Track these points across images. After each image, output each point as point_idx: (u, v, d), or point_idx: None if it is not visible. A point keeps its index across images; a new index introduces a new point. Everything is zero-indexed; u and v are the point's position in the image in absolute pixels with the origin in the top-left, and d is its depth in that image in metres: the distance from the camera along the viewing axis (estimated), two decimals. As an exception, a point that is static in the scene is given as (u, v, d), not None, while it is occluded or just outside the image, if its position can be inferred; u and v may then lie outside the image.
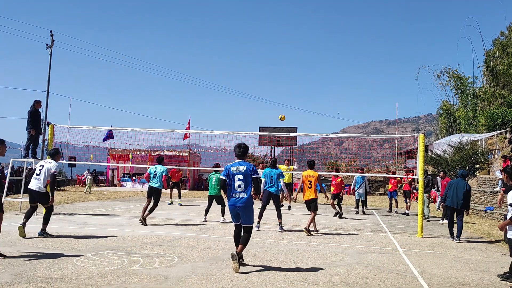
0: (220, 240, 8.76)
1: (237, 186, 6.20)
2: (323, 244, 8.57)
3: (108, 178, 33.72)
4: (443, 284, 5.83)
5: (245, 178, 6.21)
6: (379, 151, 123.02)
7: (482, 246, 9.34)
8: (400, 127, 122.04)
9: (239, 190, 6.20)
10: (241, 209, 6.19)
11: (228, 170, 6.32)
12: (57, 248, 7.22)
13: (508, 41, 35.11)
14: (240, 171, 6.25)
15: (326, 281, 5.68)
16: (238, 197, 6.21)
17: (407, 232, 10.98)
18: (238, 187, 6.20)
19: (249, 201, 6.21)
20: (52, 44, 29.92)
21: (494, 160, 23.74)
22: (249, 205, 6.22)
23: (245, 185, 6.21)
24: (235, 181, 6.21)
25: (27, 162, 14.47)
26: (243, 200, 6.18)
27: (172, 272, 5.87)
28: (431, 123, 76.64)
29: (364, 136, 22.28)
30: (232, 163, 6.43)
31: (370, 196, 25.79)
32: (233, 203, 6.23)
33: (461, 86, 40.73)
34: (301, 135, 15.40)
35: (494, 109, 30.93)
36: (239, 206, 6.19)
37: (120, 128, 13.88)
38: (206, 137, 14.66)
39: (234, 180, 6.22)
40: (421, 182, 10.64)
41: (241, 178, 6.20)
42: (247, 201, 6.19)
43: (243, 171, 6.23)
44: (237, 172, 6.25)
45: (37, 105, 12.95)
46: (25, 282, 5.09)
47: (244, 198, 6.19)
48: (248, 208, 6.21)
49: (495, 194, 15.68)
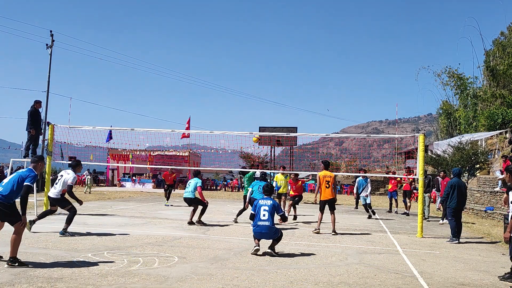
0: (220, 240, 8.76)
1: (262, 216, 7.26)
2: (323, 244, 8.57)
3: (108, 178, 33.72)
4: (443, 284, 5.83)
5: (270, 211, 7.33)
6: (379, 151, 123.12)
7: (482, 246, 9.33)
8: (400, 127, 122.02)
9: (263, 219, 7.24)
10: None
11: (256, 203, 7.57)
12: (57, 248, 7.22)
13: (508, 41, 35.09)
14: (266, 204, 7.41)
15: (326, 281, 5.68)
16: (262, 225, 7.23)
17: (407, 232, 10.98)
18: (263, 216, 7.25)
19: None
20: (52, 44, 29.88)
21: (494, 160, 23.73)
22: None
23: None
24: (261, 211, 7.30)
25: (27, 162, 14.46)
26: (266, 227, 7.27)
27: (172, 272, 5.87)
28: (431, 123, 76.67)
29: (364, 136, 22.30)
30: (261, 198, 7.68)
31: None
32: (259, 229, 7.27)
33: (461, 86, 40.71)
34: (301, 135, 15.41)
35: (494, 109, 30.92)
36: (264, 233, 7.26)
37: (120, 128, 13.86)
38: (206, 137, 14.65)
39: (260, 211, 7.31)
40: (421, 182, 10.64)
41: (266, 209, 7.30)
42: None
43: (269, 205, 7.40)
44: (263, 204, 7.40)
45: (37, 105, 12.95)
46: (25, 282, 5.09)
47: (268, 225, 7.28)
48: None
49: (495, 194, 15.68)
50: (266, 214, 7.19)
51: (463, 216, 15.49)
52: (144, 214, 13.60)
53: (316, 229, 10.20)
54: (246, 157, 31.55)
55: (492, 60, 35.68)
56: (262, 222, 7.19)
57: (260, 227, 7.19)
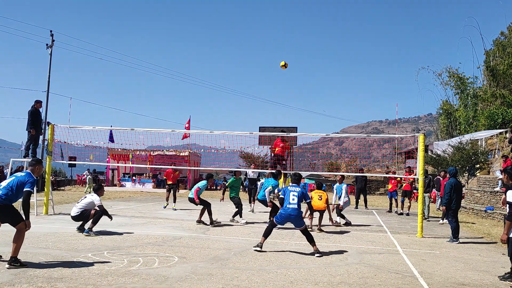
0: (220, 240, 8.76)
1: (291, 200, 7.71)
2: (323, 244, 8.57)
3: (108, 178, 33.71)
4: (443, 284, 5.84)
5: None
6: (379, 151, 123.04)
7: (482, 246, 9.33)
8: (400, 127, 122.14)
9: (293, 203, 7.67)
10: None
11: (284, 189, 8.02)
12: (57, 248, 7.22)
13: (508, 41, 35.08)
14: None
15: (326, 281, 5.68)
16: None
17: (407, 232, 10.98)
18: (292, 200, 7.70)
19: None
20: (52, 44, 29.84)
21: (494, 160, 23.73)
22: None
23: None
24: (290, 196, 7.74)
25: (27, 162, 14.47)
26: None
27: (172, 272, 5.87)
28: (431, 123, 76.60)
29: (364, 136, 22.25)
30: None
31: (370, 196, 25.79)
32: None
33: (461, 86, 40.70)
34: (301, 135, 15.38)
35: (494, 109, 30.91)
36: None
37: (120, 128, 13.86)
38: (206, 137, 14.61)
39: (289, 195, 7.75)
40: (421, 182, 10.64)
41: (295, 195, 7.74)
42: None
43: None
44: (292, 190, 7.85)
45: (37, 105, 12.95)
46: (25, 282, 5.09)
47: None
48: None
49: (495, 194, 15.68)
50: (295, 198, 7.66)
51: (463, 216, 15.53)
52: (144, 214, 13.60)
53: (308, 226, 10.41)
54: (246, 157, 31.54)
55: (492, 60, 35.67)
56: (291, 205, 7.62)
57: (289, 209, 7.60)
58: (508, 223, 5.99)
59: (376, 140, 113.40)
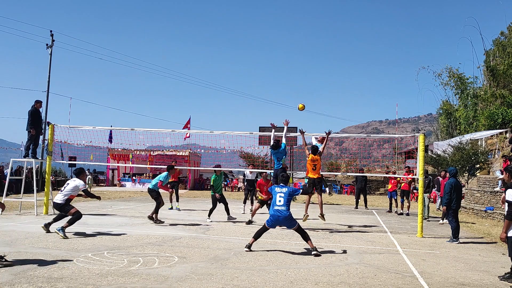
0: (220, 240, 8.76)
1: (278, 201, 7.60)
2: (323, 244, 8.57)
3: (108, 178, 33.74)
4: (443, 284, 5.84)
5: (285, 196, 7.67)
6: (379, 151, 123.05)
7: (482, 246, 9.33)
8: (400, 127, 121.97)
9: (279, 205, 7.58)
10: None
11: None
12: (57, 248, 7.22)
13: (508, 41, 35.07)
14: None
15: (326, 281, 5.68)
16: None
17: (407, 232, 10.98)
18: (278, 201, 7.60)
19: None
20: (52, 44, 29.85)
21: (494, 160, 23.74)
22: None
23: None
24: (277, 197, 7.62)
25: (27, 162, 14.48)
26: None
27: (172, 272, 5.87)
28: (431, 123, 76.52)
29: (364, 136, 22.30)
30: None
31: (370, 196, 25.80)
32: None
33: (461, 86, 40.70)
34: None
35: (494, 109, 30.90)
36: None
37: (120, 128, 13.85)
38: (206, 137, 14.64)
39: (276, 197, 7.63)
40: (421, 182, 10.63)
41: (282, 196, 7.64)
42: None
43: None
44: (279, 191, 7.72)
45: (37, 105, 12.96)
46: (25, 282, 5.09)
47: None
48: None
49: (495, 194, 15.68)
50: (281, 200, 7.56)
51: (463, 216, 15.53)
52: (144, 214, 13.58)
53: (304, 215, 10.45)
54: (246, 157, 31.54)
55: (492, 60, 35.67)
56: (277, 207, 7.55)
57: (276, 212, 7.54)
58: (507, 221, 5.99)
59: (376, 140, 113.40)
